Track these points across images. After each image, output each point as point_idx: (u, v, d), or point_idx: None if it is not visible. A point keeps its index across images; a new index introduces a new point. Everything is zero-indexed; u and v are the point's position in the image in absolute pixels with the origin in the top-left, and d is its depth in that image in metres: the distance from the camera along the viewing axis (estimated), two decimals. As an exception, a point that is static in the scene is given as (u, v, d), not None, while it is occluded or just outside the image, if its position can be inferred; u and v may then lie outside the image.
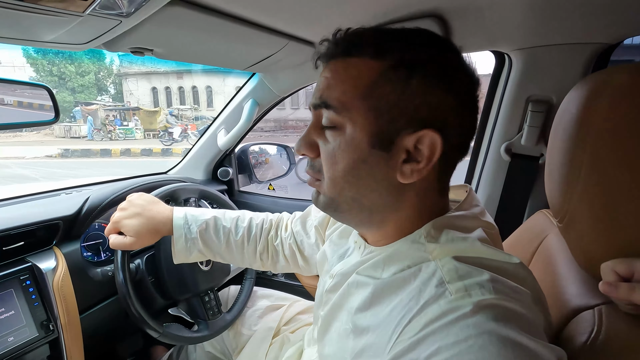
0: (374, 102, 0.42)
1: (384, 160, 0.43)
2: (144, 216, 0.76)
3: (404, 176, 0.43)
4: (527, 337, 0.34)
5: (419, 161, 0.43)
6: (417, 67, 0.42)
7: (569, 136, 0.45)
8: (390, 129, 0.42)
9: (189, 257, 0.79)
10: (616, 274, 0.40)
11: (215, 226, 0.79)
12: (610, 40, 0.77)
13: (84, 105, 16.78)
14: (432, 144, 0.42)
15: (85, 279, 0.88)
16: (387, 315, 0.43)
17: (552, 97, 0.85)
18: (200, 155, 1.37)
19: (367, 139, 0.43)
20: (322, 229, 0.74)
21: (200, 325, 0.96)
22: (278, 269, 0.84)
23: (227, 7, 0.62)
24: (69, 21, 0.47)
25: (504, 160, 0.94)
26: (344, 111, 0.43)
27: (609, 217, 0.41)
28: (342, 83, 0.44)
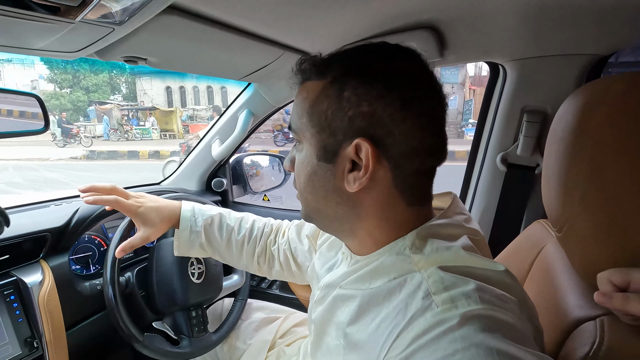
0: (315, 118, 0.46)
1: (330, 171, 0.46)
2: (157, 205, 0.79)
3: (349, 185, 0.45)
4: (515, 347, 0.33)
5: (360, 169, 0.44)
6: (348, 80, 0.44)
7: (567, 145, 0.45)
8: (331, 141, 0.45)
9: (190, 250, 0.81)
10: (612, 284, 0.39)
11: (220, 222, 0.82)
12: (603, 51, 0.78)
13: (98, 105, 16.61)
14: (366, 152, 0.42)
15: (73, 293, 0.85)
16: (375, 329, 0.43)
17: (547, 107, 0.86)
18: (194, 166, 1.36)
19: (314, 153, 0.47)
20: (314, 239, 0.75)
21: (183, 341, 0.93)
22: (273, 275, 0.85)
23: (223, 16, 0.62)
24: (61, 28, 0.47)
25: (500, 170, 0.95)
26: (299, 130, 0.49)
27: (610, 225, 0.41)
28: (297, 106, 0.49)
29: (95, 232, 0.99)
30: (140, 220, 0.76)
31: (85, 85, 18.01)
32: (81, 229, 0.91)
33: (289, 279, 0.85)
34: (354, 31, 0.74)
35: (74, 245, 0.92)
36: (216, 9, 0.59)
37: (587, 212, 0.42)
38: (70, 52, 0.58)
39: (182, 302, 0.94)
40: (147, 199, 0.79)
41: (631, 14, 0.63)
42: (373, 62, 0.44)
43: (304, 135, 0.48)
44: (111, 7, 0.44)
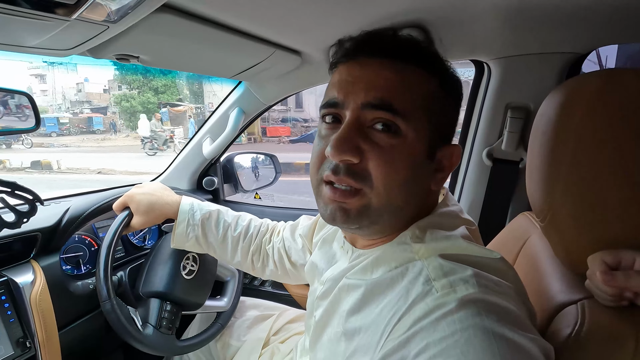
0: (429, 115, 0.45)
1: (430, 170, 0.47)
2: (156, 195, 0.82)
3: (437, 184, 0.48)
4: (510, 329, 0.35)
5: (443, 170, 0.48)
6: (451, 90, 0.48)
7: (549, 139, 0.47)
8: (436, 140, 0.46)
9: (186, 242, 0.83)
10: (605, 264, 0.42)
11: (218, 218, 0.84)
12: (581, 50, 0.81)
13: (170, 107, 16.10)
14: (455, 155, 0.48)
15: (64, 293, 0.85)
16: (378, 315, 0.44)
17: (530, 103, 0.89)
18: (185, 165, 1.35)
19: (425, 150, 0.45)
20: (308, 239, 0.76)
21: (146, 328, 0.86)
22: (266, 274, 0.86)
23: (216, 15, 0.63)
24: (55, 26, 0.47)
25: (486, 165, 0.97)
26: (410, 118, 0.43)
27: (590, 214, 0.43)
28: (408, 89, 0.43)
29: (86, 232, 0.98)
30: (132, 208, 0.82)
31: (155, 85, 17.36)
32: (72, 228, 0.90)
33: (282, 279, 0.86)
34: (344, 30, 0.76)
35: (64, 245, 0.91)
36: (209, 7, 0.60)
37: (568, 202, 0.45)
38: (63, 49, 0.58)
39: (163, 290, 0.90)
40: (145, 189, 0.84)
41: (606, 15, 0.66)
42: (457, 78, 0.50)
43: (414, 126, 0.43)
44: (107, 6, 0.45)
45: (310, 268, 0.67)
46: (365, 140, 0.43)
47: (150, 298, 0.91)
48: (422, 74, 0.44)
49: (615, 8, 0.64)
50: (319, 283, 0.59)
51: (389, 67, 0.43)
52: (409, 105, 0.42)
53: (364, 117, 0.43)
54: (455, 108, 0.49)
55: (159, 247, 0.97)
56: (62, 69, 17.51)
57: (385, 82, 0.43)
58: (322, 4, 0.63)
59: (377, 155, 0.42)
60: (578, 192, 0.44)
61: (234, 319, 1.05)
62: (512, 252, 0.70)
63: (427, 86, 0.45)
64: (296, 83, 1.10)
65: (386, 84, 0.42)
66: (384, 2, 0.65)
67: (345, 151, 0.42)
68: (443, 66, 0.48)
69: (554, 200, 0.46)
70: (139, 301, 0.92)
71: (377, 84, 0.43)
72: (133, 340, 0.81)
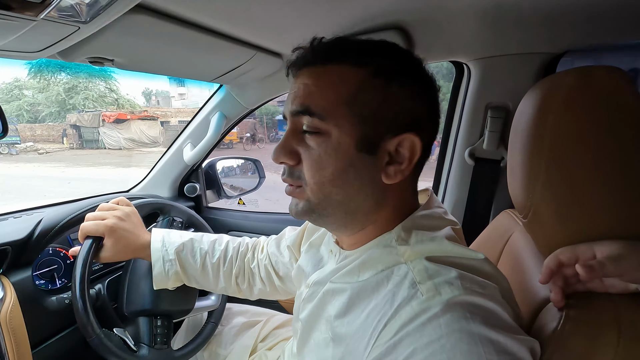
0: (357, 108, 0.44)
1: (371, 162, 0.45)
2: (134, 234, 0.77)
3: (388, 177, 0.45)
4: (495, 331, 0.36)
5: (400, 163, 0.45)
6: (394, 75, 0.45)
7: (528, 137, 0.48)
8: (374, 133, 0.45)
9: (168, 282, 0.79)
10: (558, 261, 0.44)
11: (192, 248, 0.80)
12: (556, 50, 0.84)
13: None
14: (412, 146, 0.45)
15: (38, 309, 0.80)
16: (364, 320, 0.44)
17: (509, 103, 0.91)
18: (165, 171, 1.31)
19: (354, 144, 0.44)
20: (296, 248, 0.75)
21: (141, 349, 0.83)
22: (255, 294, 0.83)
23: (193, 16, 0.61)
24: (21, 26, 0.44)
25: (468, 164, 0.99)
26: (328, 117, 0.44)
27: (569, 209, 0.44)
28: (324, 90, 0.45)
29: (61, 245, 0.93)
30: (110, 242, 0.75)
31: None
32: (45, 241, 0.85)
33: (272, 296, 0.84)
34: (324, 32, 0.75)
35: (37, 259, 0.86)
36: (186, 8, 0.58)
37: (548, 199, 0.46)
38: (31, 52, 0.55)
39: (150, 307, 0.87)
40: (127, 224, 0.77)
41: (579, 16, 0.69)
42: (409, 61, 0.47)
43: (337, 124, 0.44)
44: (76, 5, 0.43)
45: (297, 272, 0.66)
46: (301, 144, 0.47)
47: (138, 317, 0.88)
48: (344, 69, 0.45)
49: (589, 10, 0.66)
50: (305, 286, 0.59)
51: (309, 74, 0.46)
52: (328, 104, 0.44)
53: (299, 123, 0.47)
54: (408, 94, 0.45)
55: (135, 262, 0.92)
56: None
57: (305, 88, 0.46)
58: (301, 5, 0.62)
59: (306, 156, 0.47)
60: (557, 188, 0.45)
61: (221, 327, 1.02)
62: (496, 249, 0.71)
63: (352, 80, 0.44)
64: (278, 86, 1.09)
65: (306, 90, 0.46)
66: (363, 4, 0.65)
67: (279, 156, 0.48)
68: (377, 55, 0.46)
69: (535, 197, 0.47)
70: (126, 321, 0.89)
71: (300, 93, 0.46)
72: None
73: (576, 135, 0.43)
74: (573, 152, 0.43)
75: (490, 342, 0.35)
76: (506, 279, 0.46)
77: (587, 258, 0.42)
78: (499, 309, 0.39)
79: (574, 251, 0.43)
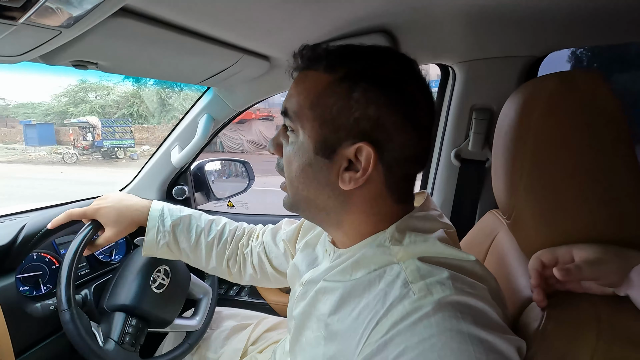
0: (319, 111, 0.45)
1: (326, 166, 0.46)
2: (123, 204, 0.79)
3: (343, 183, 0.46)
4: (485, 331, 0.36)
5: (357, 170, 0.45)
6: (359, 81, 0.44)
7: (511, 139, 0.49)
8: (332, 138, 0.45)
9: (156, 250, 0.80)
10: (541, 262, 0.45)
11: (190, 224, 0.82)
12: (538, 53, 0.86)
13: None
14: (367, 156, 0.44)
15: (22, 316, 0.79)
16: (355, 318, 0.44)
17: (493, 105, 0.92)
18: (152, 174, 1.30)
19: (312, 145, 0.47)
20: (291, 244, 0.75)
21: (107, 343, 0.79)
22: (245, 279, 0.84)
23: (178, 19, 0.61)
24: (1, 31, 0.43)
25: (454, 165, 1.00)
26: (296, 118, 0.48)
27: (551, 211, 0.45)
28: (298, 94, 0.48)
29: (45, 250, 0.92)
30: (102, 222, 0.78)
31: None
32: (29, 246, 0.84)
33: (263, 284, 0.84)
34: (311, 35, 0.76)
35: (21, 265, 0.85)
36: (171, 11, 0.58)
37: (530, 200, 0.47)
38: (11, 56, 0.54)
39: (130, 304, 0.86)
40: (110, 199, 0.80)
41: (560, 20, 0.70)
42: (384, 68, 0.45)
43: (302, 125, 0.47)
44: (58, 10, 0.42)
45: (292, 271, 0.67)
46: (285, 139, 0.52)
47: (115, 312, 0.85)
48: (317, 74, 0.47)
49: (569, 14, 0.68)
50: (299, 285, 0.59)
51: (296, 79, 0.50)
52: (298, 106, 0.47)
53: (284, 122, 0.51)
54: (374, 101, 0.43)
55: (129, 260, 0.93)
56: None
57: (289, 92, 0.50)
58: (287, 8, 0.62)
59: (284, 151, 0.51)
60: (539, 190, 0.46)
61: (210, 331, 1.01)
62: (482, 249, 0.72)
63: (320, 84, 0.46)
64: (266, 88, 1.09)
65: (289, 94, 0.50)
66: (349, 7, 0.66)
67: (269, 147, 0.54)
68: (349, 60, 0.46)
69: (518, 198, 0.48)
70: (103, 315, 0.87)
71: (287, 96, 0.51)
72: (92, 355, 0.74)
73: (558, 139, 0.44)
74: (555, 156, 0.44)
75: (480, 341, 0.35)
76: (496, 280, 0.47)
77: (565, 260, 0.43)
78: (489, 309, 0.39)
79: (553, 253, 0.44)
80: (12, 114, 19.17)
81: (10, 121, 18.99)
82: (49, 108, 18.17)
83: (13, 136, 17.95)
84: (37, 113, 18.49)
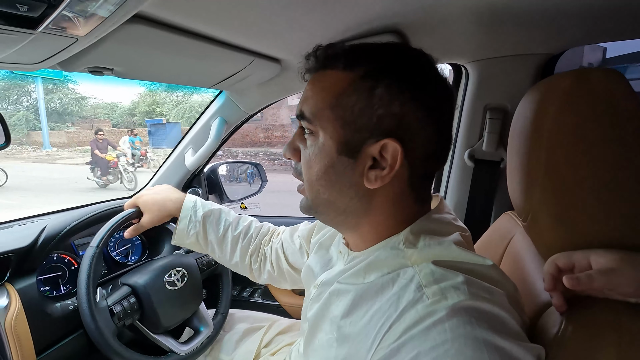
0: (340, 111, 0.44)
1: (351, 166, 0.45)
2: (161, 194, 0.87)
3: (369, 182, 0.45)
4: (501, 337, 0.35)
5: (383, 168, 0.44)
6: (382, 78, 0.43)
7: (525, 139, 0.48)
8: (356, 137, 0.44)
9: (186, 240, 0.85)
10: (557, 267, 0.43)
11: (219, 217, 0.87)
12: (553, 50, 0.83)
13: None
14: (394, 152, 0.43)
15: (42, 315, 0.81)
16: (368, 322, 0.43)
17: (507, 104, 0.91)
18: (167, 177, 1.32)
19: (335, 146, 0.45)
20: (306, 240, 0.78)
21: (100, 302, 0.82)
22: (262, 277, 0.86)
23: (190, 24, 0.62)
24: (20, 39, 0.45)
25: (468, 166, 0.99)
26: (315, 120, 0.47)
27: (567, 213, 0.44)
28: (315, 94, 0.47)
29: (65, 251, 0.95)
30: (141, 207, 0.87)
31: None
32: (49, 248, 0.87)
33: (279, 283, 0.86)
34: (321, 37, 0.76)
35: (41, 266, 0.88)
36: (183, 17, 0.59)
37: (547, 201, 0.45)
38: (31, 63, 0.56)
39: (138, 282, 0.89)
40: (151, 191, 0.89)
41: (575, 16, 0.68)
42: (405, 64, 0.45)
43: (322, 127, 0.46)
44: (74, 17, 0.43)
45: (307, 272, 0.67)
46: (302, 143, 0.50)
47: (124, 285, 0.91)
48: (335, 74, 0.46)
49: (584, 10, 0.66)
50: (313, 286, 0.59)
51: (311, 80, 0.49)
52: (315, 108, 0.47)
53: (301, 125, 0.50)
54: (397, 98, 0.43)
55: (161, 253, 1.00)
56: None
57: (305, 94, 0.49)
58: (297, 11, 0.63)
59: (303, 155, 0.50)
60: (555, 191, 0.44)
61: (223, 333, 1.02)
62: (498, 251, 0.71)
63: (340, 84, 0.45)
64: (277, 91, 1.10)
65: (304, 96, 0.49)
66: (359, 8, 0.65)
67: (286, 152, 0.53)
68: (368, 58, 0.45)
69: (533, 199, 0.47)
70: (115, 287, 0.93)
71: (302, 98, 0.50)
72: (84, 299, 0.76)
73: (575, 138, 0.43)
74: (572, 156, 0.43)
75: (496, 349, 0.34)
76: (514, 285, 0.45)
77: (582, 266, 0.41)
78: (506, 315, 0.38)
79: (569, 258, 0.42)
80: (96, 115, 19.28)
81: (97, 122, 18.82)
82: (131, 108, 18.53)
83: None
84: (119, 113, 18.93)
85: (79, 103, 18.43)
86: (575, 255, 0.42)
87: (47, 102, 16.83)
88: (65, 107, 17.97)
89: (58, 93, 17.71)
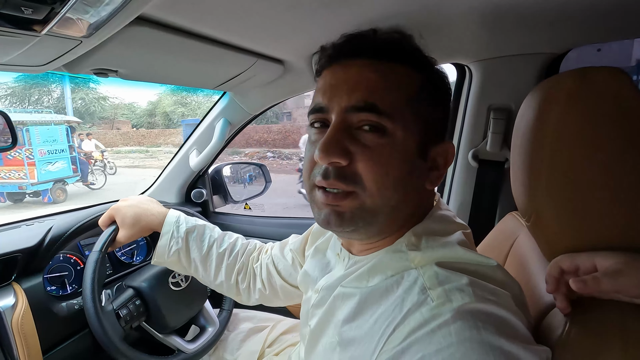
0: (418, 112, 0.44)
1: (423, 168, 0.46)
2: (141, 207, 0.79)
3: (431, 183, 0.47)
4: (507, 340, 0.34)
5: (438, 169, 0.47)
6: (440, 85, 0.47)
7: (529, 139, 0.47)
8: (427, 138, 0.45)
9: (167, 257, 0.78)
10: (560, 269, 0.43)
11: (203, 233, 0.80)
12: (557, 50, 0.83)
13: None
14: (448, 153, 0.47)
15: (48, 315, 0.82)
16: (372, 325, 0.43)
17: (511, 104, 0.90)
18: (172, 178, 1.33)
19: (415, 148, 0.44)
20: (299, 253, 0.74)
21: (107, 306, 0.83)
22: (253, 296, 0.80)
23: (193, 26, 0.62)
24: (25, 42, 0.46)
25: (472, 166, 0.98)
26: (396, 117, 0.42)
27: (571, 214, 0.43)
28: (392, 88, 0.43)
29: (71, 251, 0.96)
30: (117, 221, 0.79)
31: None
32: (55, 248, 0.88)
33: (272, 302, 0.81)
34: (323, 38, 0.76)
35: (48, 266, 0.89)
36: (186, 19, 0.60)
37: (550, 201, 0.45)
38: (37, 66, 0.57)
39: (142, 284, 0.90)
40: (130, 201, 0.80)
41: (579, 15, 0.68)
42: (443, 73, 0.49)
43: (404, 125, 0.42)
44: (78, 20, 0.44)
45: (303, 277, 0.66)
46: (353, 142, 0.42)
47: (128, 288, 0.91)
48: (407, 71, 0.44)
49: (589, 9, 0.65)
50: (313, 292, 0.58)
51: (372, 67, 0.43)
52: (395, 104, 0.42)
53: (350, 119, 0.43)
54: (444, 103, 0.48)
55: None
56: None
57: (368, 83, 0.42)
58: (299, 12, 0.63)
59: (366, 157, 0.42)
60: (559, 192, 0.44)
61: (227, 332, 1.03)
62: (502, 252, 0.70)
63: (414, 83, 0.44)
64: (281, 92, 1.10)
65: (369, 85, 0.42)
66: (363, 9, 0.65)
67: (332, 154, 0.41)
68: (428, 62, 0.47)
69: (537, 200, 0.47)
70: (119, 290, 0.94)
71: (360, 86, 0.42)
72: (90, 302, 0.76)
73: (579, 138, 0.42)
74: (574, 157, 0.42)
75: (502, 352, 0.33)
76: (519, 286, 0.44)
77: (586, 269, 0.41)
78: (512, 318, 0.37)
79: (574, 260, 0.42)
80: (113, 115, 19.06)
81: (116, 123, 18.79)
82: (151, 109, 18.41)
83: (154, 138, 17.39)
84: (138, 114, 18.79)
85: (100, 103, 18.37)
86: (579, 257, 0.42)
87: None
88: (87, 107, 17.81)
89: (80, 93, 17.63)
